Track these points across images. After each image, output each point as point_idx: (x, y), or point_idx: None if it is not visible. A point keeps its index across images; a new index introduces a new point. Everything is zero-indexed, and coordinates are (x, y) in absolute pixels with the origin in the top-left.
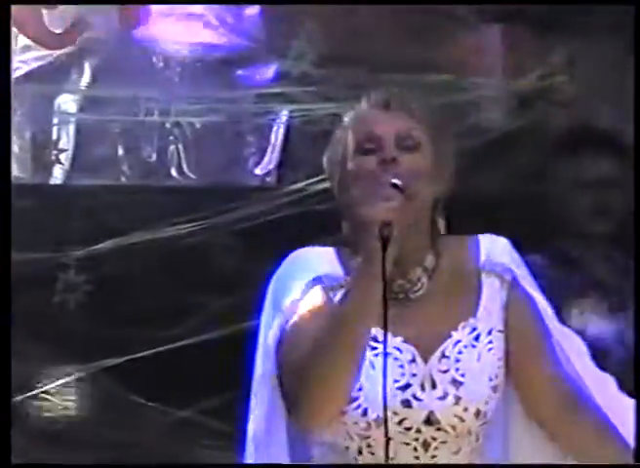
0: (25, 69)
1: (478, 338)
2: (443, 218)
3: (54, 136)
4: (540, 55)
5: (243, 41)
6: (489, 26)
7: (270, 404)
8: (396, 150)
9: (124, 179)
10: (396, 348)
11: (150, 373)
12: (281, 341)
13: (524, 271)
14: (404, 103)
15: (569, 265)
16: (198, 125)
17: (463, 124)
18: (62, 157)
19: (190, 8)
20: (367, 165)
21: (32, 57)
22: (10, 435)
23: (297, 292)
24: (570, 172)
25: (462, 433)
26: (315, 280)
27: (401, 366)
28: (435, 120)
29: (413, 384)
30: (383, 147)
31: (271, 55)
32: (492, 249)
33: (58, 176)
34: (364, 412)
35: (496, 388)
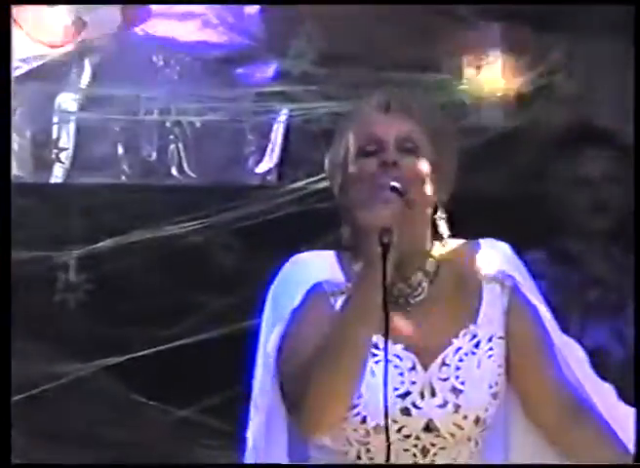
0: (26, 68)
1: (478, 345)
2: (445, 222)
3: (54, 135)
4: (539, 53)
5: (243, 40)
6: (487, 25)
7: (270, 411)
8: (397, 153)
9: (124, 178)
10: (396, 356)
11: (151, 373)
12: (282, 349)
13: (525, 277)
14: (405, 105)
15: (568, 263)
16: (198, 124)
17: (463, 123)
18: (63, 156)
19: (190, 7)
20: (367, 167)
21: (32, 55)
22: (10, 435)
23: (297, 299)
24: (569, 170)
25: (462, 440)
26: (315, 286)
27: (401, 373)
28: (437, 123)
29: (412, 392)
30: (384, 150)
31: (271, 53)
32: (493, 254)
33: (58, 175)
34: (363, 420)
35: (495, 395)
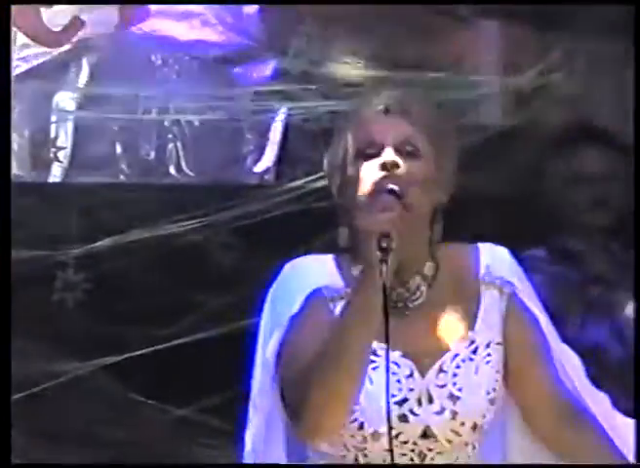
0: (24, 67)
1: (476, 351)
2: (439, 225)
3: (52, 134)
4: (538, 51)
5: (242, 39)
6: (487, 23)
7: (269, 415)
8: (396, 156)
9: (122, 177)
10: (394, 363)
11: (149, 372)
12: (281, 355)
13: (524, 282)
14: (405, 108)
15: (568, 261)
16: (197, 123)
17: (462, 121)
18: (61, 155)
19: (189, 6)
20: (366, 170)
21: (30, 54)
22: (10, 435)
23: (296, 305)
24: (568, 167)
25: (459, 445)
26: (315, 292)
27: (398, 380)
28: (437, 125)
29: (410, 399)
30: (384, 153)
31: (270, 52)
32: (492, 260)
33: (56, 174)
34: (360, 426)
35: (493, 401)
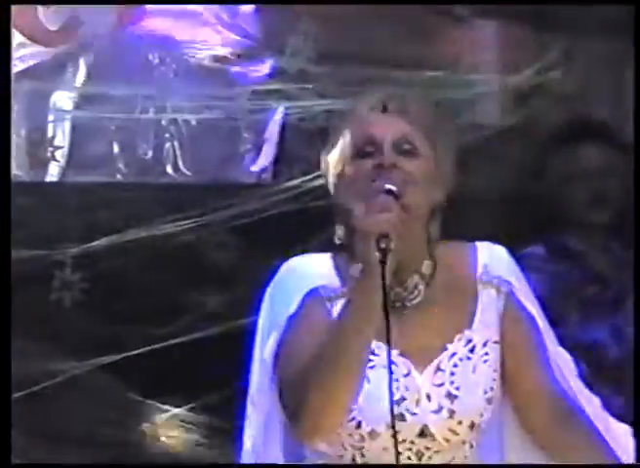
0: (21, 67)
1: (473, 350)
2: (437, 224)
3: (49, 134)
4: (536, 50)
5: (239, 38)
6: (484, 22)
7: (268, 416)
8: (394, 155)
9: (120, 177)
10: (392, 362)
11: (147, 371)
12: (279, 355)
13: (522, 281)
14: (403, 106)
15: (567, 258)
16: (194, 122)
17: (459, 120)
18: (58, 154)
19: (186, 5)
20: (364, 169)
21: (28, 54)
22: (10, 435)
23: (293, 305)
24: (567, 165)
25: (456, 444)
26: (312, 292)
27: (396, 379)
28: (435, 124)
29: (407, 398)
30: (381, 151)
31: (267, 51)
32: (489, 258)
33: (53, 174)
34: (358, 425)
35: (490, 400)
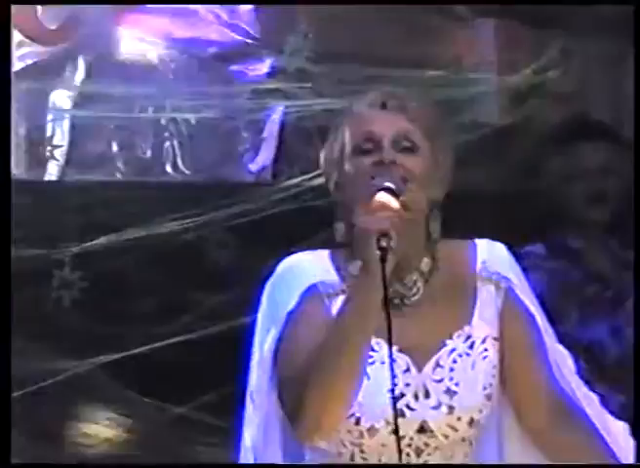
0: (20, 66)
1: (473, 346)
2: (438, 222)
3: (48, 133)
4: (534, 49)
5: (238, 36)
6: (484, 22)
7: (267, 413)
8: (393, 152)
9: (119, 176)
10: (389, 356)
11: (146, 370)
12: (278, 352)
13: (521, 278)
14: (402, 104)
15: (567, 257)
16: (193, 121)
17: (459, 119)
18: (57, 153)
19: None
20: (363, 166)
21: (27, 53)
22: (10, 435)
23: (292, 302)
24: (566, 164)
25: (456, 440)
26: (310, 288)
27: (395, 376)
28: (434, 121)
29: (406, 394)
30: (380, 149)
31: (266, 50)
32: (489, 254)
33: (52, 173)
34: (357, 421)
35: (490, 396)
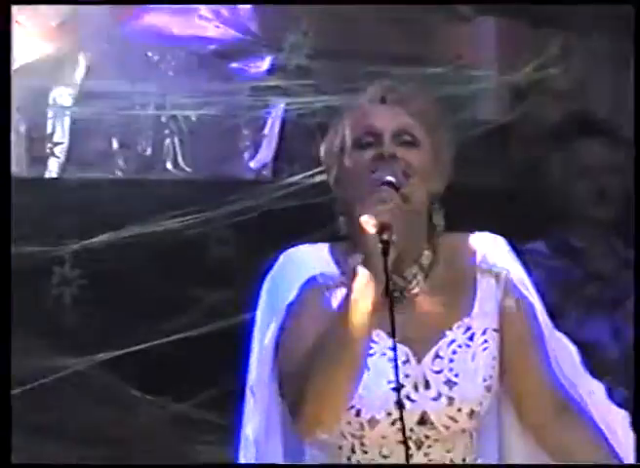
0: (20, 63)
1: (473, 338)
2: (441, 214)
3: (49, 130)
4: (535, 47)
5: (238, 34)
6: (484, 19)
7: (269, 407)
8: (393, 146)
9: (119, 173)
10: (391, 348)
11: (146, 367)
12: (279, 343)
13: (520, 270)
14: (402, 97)
15: (568, 255)
16: (193, 118)
17: (460, 116)
18: (58, 150)
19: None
20: (364, 160)
21: (27, 50)
22: (10, 435)
23: (291, 294)
24: (566, 161)
25: (456, 432)
26: (310, 280)
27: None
28: (434, 114)
29: (406, 385)
30: (381, 142)
31: (266, 47)
32: (489, 247)
33: (53, 170)
34: (357, 413)
35: (490, 388)
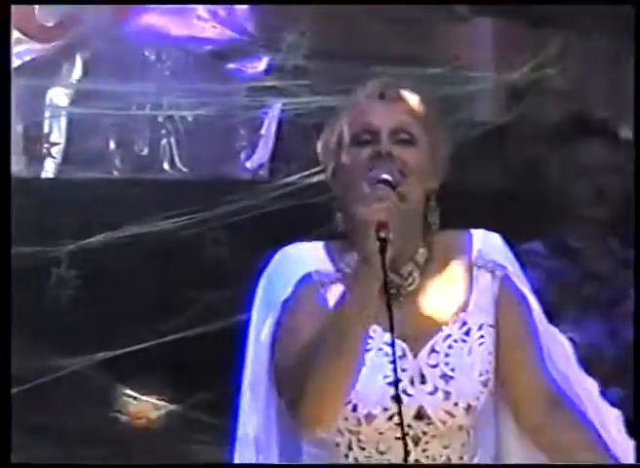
0: (17, 63)
1: (469, 333)
2: (436, 212)
3: (45, 130)
4: (532, 47)
5: (235, 34)
6: (481, 19)
7: (265, 405)
8: (390, 144)
9: (116, 173)
10: (387, 344)
11: (142, 367)
12: (275, 339)
13: (516, 267)
14: (400, 94)
15: (566, 255)
16: (190, 118)
17: (457, 117)
18: (54, 151)
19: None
20: (361, 158)
21: (24, 50)
22: (10, 434)
23: (287, 291)
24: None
25: (453, 428)
26: (305, 277)
27: (391, 361)
28: (431, 112)
29: (402, 380)
30: (378, 140)
31: (264, 48)
32: (484, 244)
33: (49, 170)
34: (354, 408)
35: (486, 383)
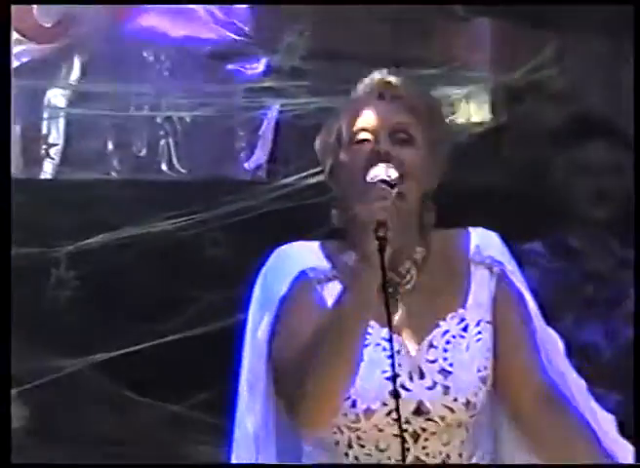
0: (15, 64)
1: (467, 329)
2: (432, 211)
3: (44, 131)
4: (530, 48)
5: (233, 35)
6: (479, 20)
7: (263, 403)
8: (389, 143)
9: (114, 174)
10: (384, 339)
11: (141, 368)
12: (273, 336)
13: (513, 265)
14: (400, 94)
15: (567, 256)
16: (188, 119)
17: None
18: (52, 151)
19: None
20: (360, 157)
21: (22, 51)
22: (10, 435)
23: (284, 288)
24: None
25: (452, 424)
26: (301, 274)
27: (389, 357)
28: (430, 111)
29: (401, 375)
30: (377, 139)
31: (262, 49)
32: (482, 241)
33: (48, 171)
34: (353, 404)
35: (485, 379)
